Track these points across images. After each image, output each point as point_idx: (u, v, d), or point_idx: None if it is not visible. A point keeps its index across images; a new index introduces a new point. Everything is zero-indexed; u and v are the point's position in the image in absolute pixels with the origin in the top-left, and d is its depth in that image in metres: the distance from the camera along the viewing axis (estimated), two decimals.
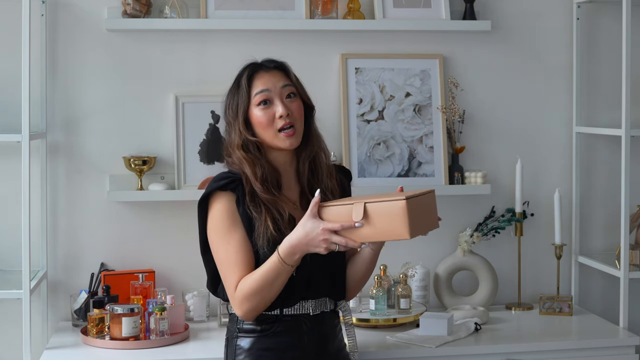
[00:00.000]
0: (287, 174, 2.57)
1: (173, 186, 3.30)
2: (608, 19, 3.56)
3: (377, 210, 2.33)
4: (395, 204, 2.31)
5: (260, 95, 2.51)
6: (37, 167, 3.23)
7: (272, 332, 2.49)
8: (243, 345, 2.51)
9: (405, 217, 2.30)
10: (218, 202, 2.49)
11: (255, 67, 2.55)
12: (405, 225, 2.31)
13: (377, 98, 3.44)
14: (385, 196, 2.37)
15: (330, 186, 2.57)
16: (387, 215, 2.32)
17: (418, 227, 2.37)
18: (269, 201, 2.47)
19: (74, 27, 3.28)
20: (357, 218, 2.33)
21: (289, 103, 2.52)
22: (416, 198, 2.36)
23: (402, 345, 2.98)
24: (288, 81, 2.54)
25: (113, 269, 3.31)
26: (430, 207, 2.47)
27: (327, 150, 2.63)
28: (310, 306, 2.52)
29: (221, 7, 3.33)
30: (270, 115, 2.50)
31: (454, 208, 3.51)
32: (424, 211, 2.42)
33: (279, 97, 2.51)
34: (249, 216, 2.47)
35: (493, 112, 3.55)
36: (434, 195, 2.48)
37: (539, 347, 3.05)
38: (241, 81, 2.54)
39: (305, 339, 2.50)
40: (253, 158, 2.49)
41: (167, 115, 3.34)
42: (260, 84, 2.52)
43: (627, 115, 3.22)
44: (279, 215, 2.46)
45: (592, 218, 3.63)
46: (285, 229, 2.44)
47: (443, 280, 3.42)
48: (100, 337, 3.00)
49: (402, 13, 3.44)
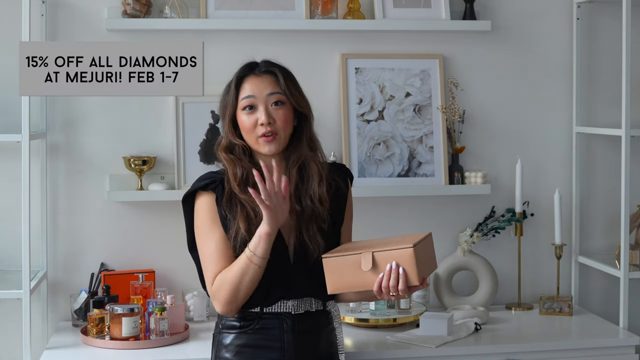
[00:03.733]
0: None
1: (173, 186, 3.30)
2: (608, 19, 3.56)
3: (386, 259, 2.38)
4: (404, 252, 2.37)
5: (246, 100, 2.54)
6: (37, 167, 3.23)
7: (251, 329, 2.52)
8: (224, 341, 2.55)
9: (414, 263, 2.36)
10: (200, 201, 2.56)
11: (246, 70, 2.58)
12: (415, 271, 2.37)
13: (377, 98, 3.44)
14: (389, 243, 2.43)
15: (319, 193, 2.56)
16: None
17: (423, 270, 2.43)
18: (246, 200, 2.50)
19: (74, 27, 3.28)
20: (367, 267, 2.39)
21: (274, 111, 2.53)
22: (421, 243, 2.41)
23: (402, 345, 2.98)
24: (277, 88, 2.55)
25: (113, 269, 3.31)
26: (430, 249, 2.52)
27: (322, 157, 2.61)
28: (291, 305, 2.53)
29: (221, 7, 3.33)
30: (253, 120, 2.53)
31: (454, 208, 3.51)
32: (426, 254, 2.47)
33: (263, 104, 2.53)
34: (224, 215, 2.52)
35: (493, 112, 3.55)
36: (431, 238, 2.53)
37: (539, 347, 3.05)
38: (231, 83, 2.58)
39: (285, 337, 2.52)
40: (235, 159, 2.54)
41: (167, 115, 3.34)
42: (248, 88, 2.55)
43: (627, 115, 3.22)
44: (254, 214, 2.49)
45: (592, 218, 3.62)
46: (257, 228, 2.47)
47: (443, 280, 3.42)
48: (100, 337, 3.00)
49: (402, 13, 3.44)
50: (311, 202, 2.55)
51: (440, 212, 3.52)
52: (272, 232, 2.40)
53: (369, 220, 3.39)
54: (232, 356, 2.53)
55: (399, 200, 3.47)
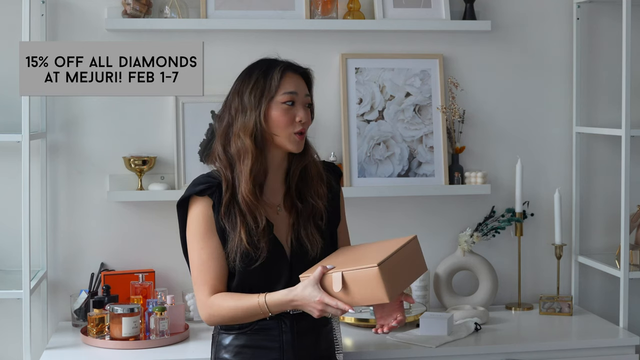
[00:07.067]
0: (275, 175, 2.57)
1: (173, 186, 3.30)
2: (608, 19, 3.56)
3: (353, 279, 2.31)
4: (369, 272, 2.28)
5: (289, 95, 2.51)
6: (37, 167, 3.23)
7: (250, 329, 2.52)
8: (224, 342, 2.55)
9: (380, 282, 2.28)
10: (195, 207, 2.51)
11: (288, 65, 2.56)
12: (383, 290, 2.28)
13: (377, 98, 3.44)
14: (363, 258, 2.34)
15: (320, 192, 2.58)
16: (364, 282, 2.30)
17: (400, 284, 2.35)
18: (248, 206, 2.47)
19: (74, 27, 3.28)
20: (337, 289, 2.33)
21: (306, 111, 2.55)
22: (390, 259, 2.31)
23: (402, 345, 2.98)
24: (309, 91, 2.58)
25: (113, 269, 3.31)
26: (413, 255, 2.43)
27: (318, 157, 2.64)
28: None
29: (221, 7, 3.33)
30: (291, 116, 2.51)
31: (454, 208, 3.51)
32: (404, 264, 2.38)
33: (301, 102, 2.54)
34: (222, 227, 2.49)
35: (493, 112, 3.55)
36: (416, 242, 2.45)
37: (539, 347, 3.05)
38: (273, 73, 2.52)
39: (283, 338, 2.52)
40: (257, 152, 2.48)
41: (167, 115, 3.34)
42: (291, 84, 2.53)
43: (627, 115, 3.22)
44: (255, 224, 2.47)
45: (592, 218, 3.63)
46: (259, 239, 2.46)
47: (443, 280, 3.42)
48: (100, 337, 3.00)
49: (402, 13, 3.44)
50: (312, 198, 2.56)
51: (440, 212, 3.52)
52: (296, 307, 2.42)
53: (370, 220, 3.40)
54: (231, 357, 2.53)
55: (399, 200, 3.48)
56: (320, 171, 2.60)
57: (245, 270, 2.47)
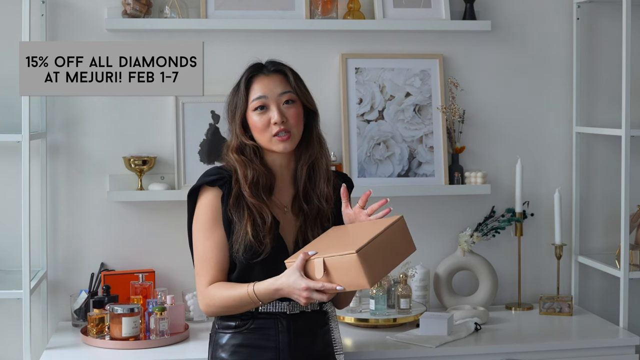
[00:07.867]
0: (282, 176, 2.58)
1: (173, 186, 3.30)
2: (608, 19, 3.56)
3: (334, 265, 2.30)
4: (349, 258, 2.26)
5: (257, 101, 2.53)
6: (37, 167, 3.23)
7: (246, 328, 2.53)
8: (220, 341, 2.56)
9: (360, 268, 2.26)
10: (205, 196, 2.54)
11: (254, 71, 2.56)
12: (363, 276, 2.26)
13: (377, 98, 3.44)
14: (346, 243, 2.32)
15: (326, 192, 2.58)
16: (344, 268, 2.28)
17: (384, 267, 2.32)
18: (255, 205, 2.49)
19: (74, 27, 3.28)
20: (319, 275, 2.32)
21: (286, 109, 2.53)
22: (371, 243, 2.29)
23: (402, 345, 2.98)
24: (287, 87, 2.55)
25: (113, 269, 3.31)
26: (399, 237, 2.40)
27: (328, 155, 2.64)
28: (286, 305, 2.53)
29: (221, 7, 3.33)
30: (265, 120, 2.52)
31: (454, 208, 3.51)
32: (389, 246, 2.35)
33: (275, 103, 2.52)
34: (229, 218, 2.50)
35: (493, 112, 3.55)
36: (402, 222, 2.41)
37: (539, 347, 3.05)
38: (240, 84, 2.56)
39: (280, 337, 2.52)
40: (246, 161, 2.52)
41: (167, 115, 3.34)
42: (258, 89, 2.53)
43: (627, 115, 3.22)
44: (262, 220, 2.49)
45: (592, 218, 3.62)
46: (265, 235, 2.48)
47: (443, 280, 3.42)
48: (100, 337, 3.00)
49: (402, 13, 3.44)
50: (318, 200, 2.56)
51: (440, 212, 3.52)
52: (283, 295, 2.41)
53: None
54: (227, 356, 2.53)
55: (399, 200, 3.46)
56: (328, 171, 2.61)
57: (247, 264, 2.48)
